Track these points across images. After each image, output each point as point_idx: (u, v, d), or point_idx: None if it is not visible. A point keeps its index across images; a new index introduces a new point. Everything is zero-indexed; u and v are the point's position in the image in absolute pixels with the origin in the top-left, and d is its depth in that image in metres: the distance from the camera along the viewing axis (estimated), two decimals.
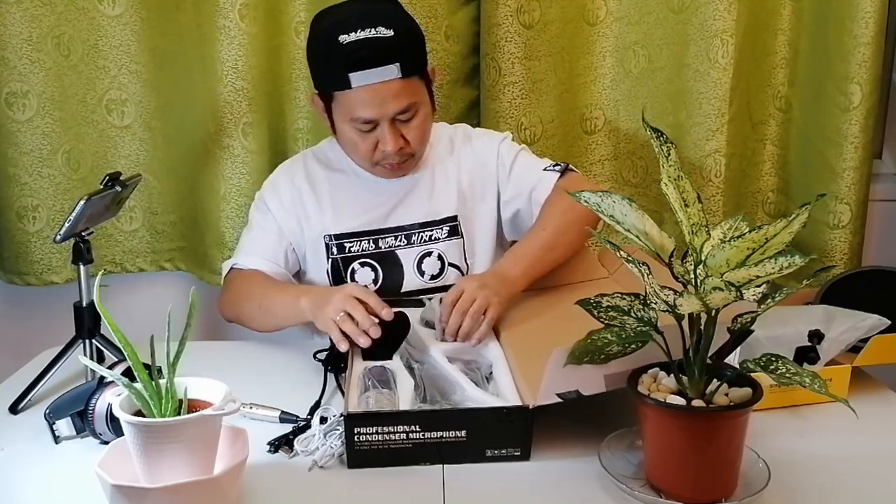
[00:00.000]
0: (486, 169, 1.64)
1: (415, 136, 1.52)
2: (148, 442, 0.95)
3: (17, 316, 1.99)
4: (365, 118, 1.47)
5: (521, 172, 1.63)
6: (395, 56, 1.44)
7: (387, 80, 1.44)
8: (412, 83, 1.49)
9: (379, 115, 1.47)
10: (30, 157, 1.83)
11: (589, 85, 1.98)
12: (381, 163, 1.54)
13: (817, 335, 1.28)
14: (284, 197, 1.62)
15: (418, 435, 1.09)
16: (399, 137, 1.50)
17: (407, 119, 1.50)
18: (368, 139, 1.50)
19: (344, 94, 1.47)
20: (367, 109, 1.46)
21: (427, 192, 1.62)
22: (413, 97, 1.49)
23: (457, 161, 1.65)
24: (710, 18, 1.87)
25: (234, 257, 1.62)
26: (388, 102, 1.46)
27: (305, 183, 1.63)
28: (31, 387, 1.32)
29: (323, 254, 1.60)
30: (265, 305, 1.49)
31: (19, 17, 1.76)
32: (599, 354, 1.02)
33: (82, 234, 1.34)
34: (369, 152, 1.52)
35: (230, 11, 1.77)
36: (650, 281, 0.96)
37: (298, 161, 1.68)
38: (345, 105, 1.48)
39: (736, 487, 1.01)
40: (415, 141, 1.53)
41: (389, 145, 1.49)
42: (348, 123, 1.50)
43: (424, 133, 1.55)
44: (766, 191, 2.09)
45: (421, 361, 1.30)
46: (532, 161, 1.65)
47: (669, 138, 0.98)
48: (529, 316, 1.44)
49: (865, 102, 1.90)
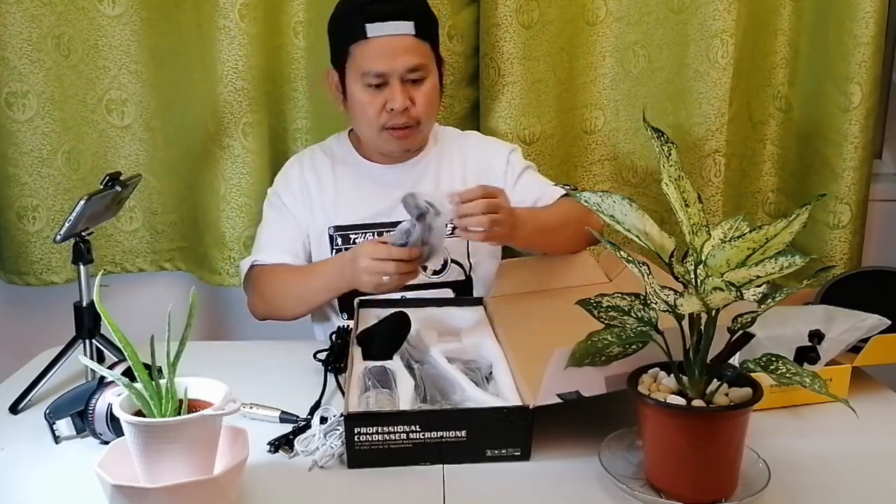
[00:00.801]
0: (493, 170, 1.66)
1: (422, 101, 1.55)
2: (148, 442, 0.95)
3: (17, 316, 2.00)
4: (377, 71, 1.51)
5: (529, 182, 1.66)
6: (411, 15, 1.52)
7: (401, 34, 1.51)
8: (424, 47, 1.55)
9: (390, 68, 1.51)
10: (30, 157, 1.83)
11: (589, 85, 1.98)
12: (388, 126, 1.56)
13: (818, 335, 1.28)
14: (295, 189, 1.66)
15: (418, 435, 1.09)
16: (407, 98, 1.53)
17: (416, 80, 1.54)
18: (377, 99, 1.54)
19: (358, 47, 1.52)
20: (380, 61, 1.51)
21: (432, 185, 1.64)
22: (424, 58, 1.54)
23: (464, 156, 1.68)
24: (709, 18, 1.87)
25: (254, 254, 1.64)
26: (399, 56, 1.51)
27: (312, 174, 1.66)
28: (31, 387, 1.32)
29: (327, 246, 1.62)
30: (299, 293, 1.55)
31: (19, 17, 1.76)
32: (600, 356, 1.02)
33: (82, 234, 1.34)
34: (377, 113, 1.55)
35: (230, 11, 1.77)
36: (650, 281, 0.96)
37: (306, 154, 1.72)
38: (359, 59, 1.53)
39: (736, 487, 1.01)
40: (422, 106, 1.56)
41: (398, 101, 1.52)
42: (359, 82, 1.54)
43: (431, 101, 1.58)
44: (766, 191, 2.09)
45: (421, 361, 1.30)
46: (541, 178, 1.70)
47: (670, 138, 0.98)
48: (529, 317, 1.44)
49: (865, 102, 1.90)
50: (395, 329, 1.33)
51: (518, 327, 1.38)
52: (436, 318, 1.43)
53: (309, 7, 1.85)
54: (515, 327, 1.38)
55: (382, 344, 1.30)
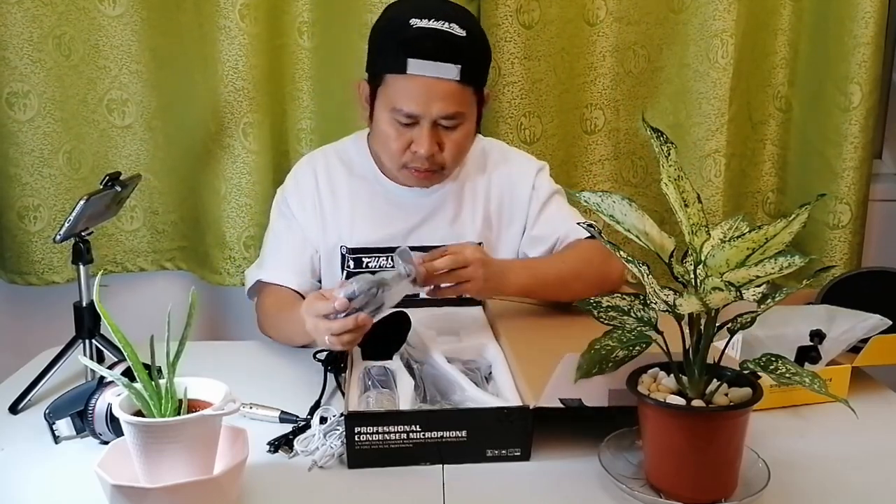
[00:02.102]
0: (518, 195, 1.58)
1: (451, 148, 1.45)
2: (148, 442, 0.95)
3: (18, 316, 2.00)
4: (408, 111, 1.41)
5: (554, 215, 1.57)
6: (460, 57, 1.39)
7: (443, 79, 1.38)
8: (466, 93, 1.42)
9: (423, 111, 1.40)
10: (31, 156, 1.83)
11: (589, 85, 1.98)
12: (409, 165, 1.47)
13: (819, 335, 1.28)
14: (307, 199, 1.56)
15: (419, 435, 1.09)
16: (435, 143, 1.43)
17: (449, 127, 1.44)
18: (403, 137, 1.44)
19: (395, 79, 1.40)
20: (414, 103, 1.40)
21: (453, 212, 1.56)
22: (462, 107, 1.43)
23: (488, 181, 1.58)
24: (709, 18, 1.87)
25: (260, 269, 1.56)
26: (436, 101, 1.40)
27: (327, 186, 1.57)
28: (31, 387, 1.32)
29: (338, 265, 1.55)
30: (283, 336, 1.48)
31: (20, 18, 1.76)
32: (607, 363, 1.01)
33: (82, 234, 1.34)
34: (400, 151, 1.45)
35: (231, 11, 1.77)
36: (650, 281, 0.96)
37: (320, 159, 1.61)
38: (392, 91, 1.41)
39: (736, 487, 1.00)
40: (450, 153, 1.46)
41: (424, 147, 1.42)
42: (388, 113, 1.43)
43: (462, 149, 1.49)
44: (766, 191, 2.09)
45: (421, 361, 1.30)
46: (567, 209, 1.59)
47: (669, 138, 0.98)
48: (529, 318, 1.44)
49: (865, 102, 1.90)
50: (396, 329, 1.32)
51: (518, 328, 1.38)
52: (435, 318, 1.43)
53: (314, 7, 1.85)
54: (515, 328, 1.38)
55: (383, 344, 1.30)
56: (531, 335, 1.35)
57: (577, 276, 1.45)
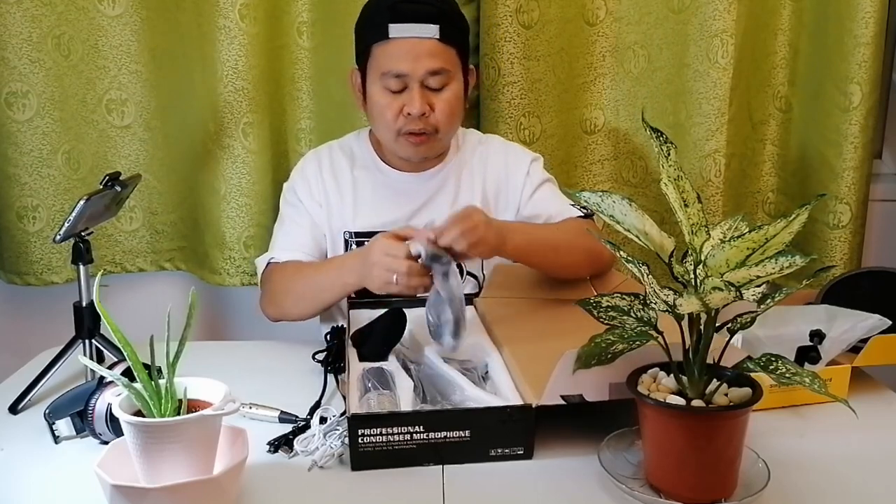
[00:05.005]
0: (513, 179, 1.64)
1: (442, 108, 1.51)
2: (148, 442, 0.95)
3: (17, 316, 2.00)
4: (396, 71, 1.48)
5: (546, 197, 1.63)
6: (437, 18, 1.48)
7: (424, 37, 1.47)
8: (449, 52, 1.50)
9: (410, 69, 1.47)
10: (30, 157, 1.83)
11: (588, 85, 1.98)
12: (404, 130, 1.52)
13: (819, 335, 1.28)
14: (313, 187, 1.63)
15: (422, 436, 1.09)
16: (426, 103, 1.50)
17: (437, 87, 1.50)
18: (395, 103, 1.50)
19: (380, 47, 1.48)
20: (400, 62, 1.47)
21: (451, 196, 1.62)
22: (447, 65, 1.50)
23: (484, 166, 1.65)
24: (709, 18, 1.87)
25: (270, 252, 1.61)
26: (421, 59, 1.47)
27: (330, 175, 1.64)
28: (31, 387, 1.32)
29: (341, 251, 1.61)
30: (307, 290, 1.49)
31: (19, 18, 1.76)
32: (606, 355, 1.02)
33: (82, 234, 1.34)
34: (394, 117, 1.51)
35: (230, 11, 1.77)
36: (650, 281, 0.96)
37: (324, 152, 1.68)
38: (379, 60, 1.49)
39: (736, 487, 1.00)
40: (441, 114, 1.51)
41: (416, 105, 1.48)
42: (379, 82, 1.50)
43: (453, 110, 1.54)
44: (766, 191, 2.09)
45: (417, 362, 1.30)
46: (558, 195, 1.65)
47: (669, 138, 0.98)
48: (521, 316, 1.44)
49: (865, 102, 1.90)
50: (390, 328, 1.32)
51: (512, 327, 1.38)
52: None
53: (313, 7, 1.85)
54: (510, 327, 1.38)
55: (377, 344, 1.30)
56: (525, 333, 1.35)
57: (570, 246, 1.50)
